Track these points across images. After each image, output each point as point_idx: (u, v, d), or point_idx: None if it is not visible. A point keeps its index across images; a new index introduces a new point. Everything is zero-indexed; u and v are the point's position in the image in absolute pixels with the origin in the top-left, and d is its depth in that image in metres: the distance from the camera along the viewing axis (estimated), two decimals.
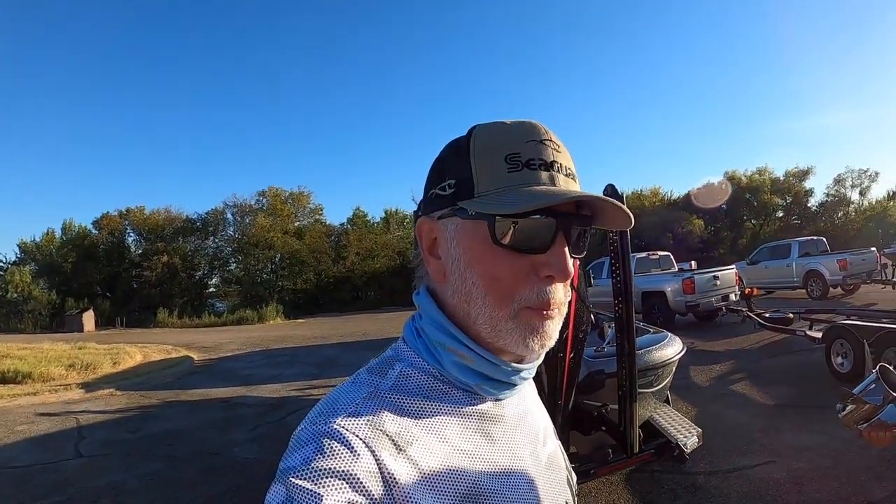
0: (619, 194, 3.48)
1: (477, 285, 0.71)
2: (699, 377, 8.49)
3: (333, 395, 0.71)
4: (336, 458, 0.60)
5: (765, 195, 39.42)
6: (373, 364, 0.77)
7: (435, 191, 0.74)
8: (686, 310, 13.67)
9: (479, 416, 0.76)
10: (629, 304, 3.50)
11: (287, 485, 0.59)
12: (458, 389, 0.75)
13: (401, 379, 0.74)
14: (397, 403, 0.70)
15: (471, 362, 0.73)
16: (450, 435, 0.71)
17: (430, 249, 0.76)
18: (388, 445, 0.64)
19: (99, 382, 12.25)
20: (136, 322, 35.57)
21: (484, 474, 0.71)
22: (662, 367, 4.45)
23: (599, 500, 4.47)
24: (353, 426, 0.64)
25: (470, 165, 0.71)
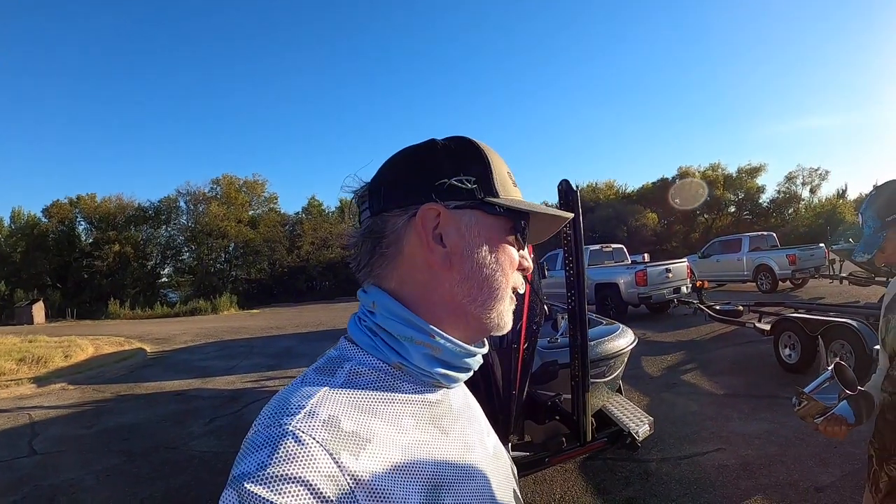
0: (574, 189, 3.54)
1: (498, 270, 0.78)
2: (651, 367, 8.67)
3: (285, 396, 0.69)
4: (292, 462, 0.58)
5: (717, 190, 40.30)
6: (319, 364, 0.77)
7: (450, 181, 0.76)
8: (638, 301, 13.92)
9: (430, 406, 0.77)
10: (581, 296, 3.55)
11: (240, 492, 0.57)
12: (408, 382, 0.76)
13: (352, 376, 0.73)
14: (352, 400, 0.69)
15: (439, 352, 0.75)
16: (407, 426, 0.71)
17: (432, 236, 0.76)
18: (348, 445, 0.63)
19: (51, 377, 11.98)
20: (88, 313, 34.83)
21: (443, 464, 0.72)
22: (614, 357, 4.53)
23: (554, 487, 4.55)
24: (309, 428, 0.62)
25: (490, 170, 0.79)
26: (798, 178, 41.64)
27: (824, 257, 16.62)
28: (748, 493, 4.10)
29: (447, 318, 0.78)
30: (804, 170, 41.69)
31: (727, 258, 18.53)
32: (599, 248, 17.14)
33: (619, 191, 45.47)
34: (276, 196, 44.83)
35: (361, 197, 0.82)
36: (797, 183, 41.72)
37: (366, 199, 0.81)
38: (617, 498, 4.26)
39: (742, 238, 18.63)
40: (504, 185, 0.80)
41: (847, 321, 6.64)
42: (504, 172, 0.82)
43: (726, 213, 42.45)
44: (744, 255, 17.83)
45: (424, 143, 0.81)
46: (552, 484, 4.62)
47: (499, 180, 0.79)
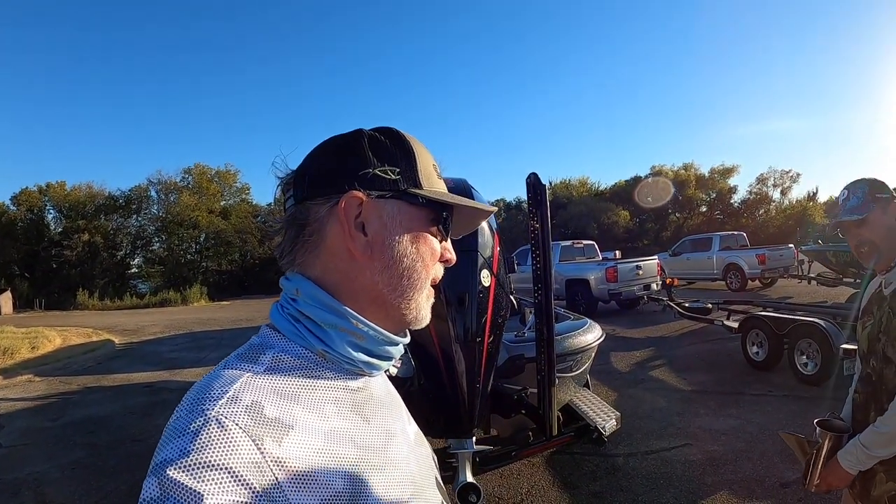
0: (542, 183, 3.54)
1: (418, 261, 0.79)
2: (620, 363, 8.74)
3: (207, 382, 0.68)
4: (215, 449, 0.58)
5: (689, 190, 40.75)
6: (241, 351, 0.76)
7: (374, 171, 0.76)
8: (608, 297, 14.05)
9: (351, 393, 0.77)
10: (548, 290, 3.52)
11: (162, 480, 0.56)
12: (329, 370, 0.76)
13: (275, 363, 0.73)
14: (274, 386, 0.69)
15: (362, 340, 0.77)
16: (328, 413, 0.71)
17: (354, 225, 0.76)
18: (270, 431, 0.62)
19: (17, 368, 11.83)
20: (56, 304, 34.29)
21: (365, 450, 0.73)
22: (581, 352, 4.53)
23: (522, 481, 4.57)
24: (232, 413, 0.61)
25: (415, 161, 0.80)
26: (770, 179, 42.34)
27: (793, 258, 16.87)
28: (714, 488, 4.14)
29: (368, 307, 0.78)
30: (776, 172, 42.41)
31: (697, 257, 18.72)
32: (570, 245, 17.24)
33: (592, 188, 45.77)
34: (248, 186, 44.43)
35: (287, 184, 0.82)
36: (768, 184, 42.43)
37: (290, 186, 0.81)
38: (583, 492, 4.29)
39: (712, 237, 18.84)
40: (428, 176, 0.81)
41: (814, 320, 6.74)
42: (429, 164, 0.83)
43: (698, 213, 42.97)
44: (714, 254, 18.01)
45: (351, 133, 0.81)
46: (519, 478, 4.64)
47: (423, 172, 0.80)
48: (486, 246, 3.48)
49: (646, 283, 14.26)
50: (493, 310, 3.39)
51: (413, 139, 0.83)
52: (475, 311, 3.26)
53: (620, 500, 4.09)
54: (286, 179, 0.82)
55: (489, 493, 4.42)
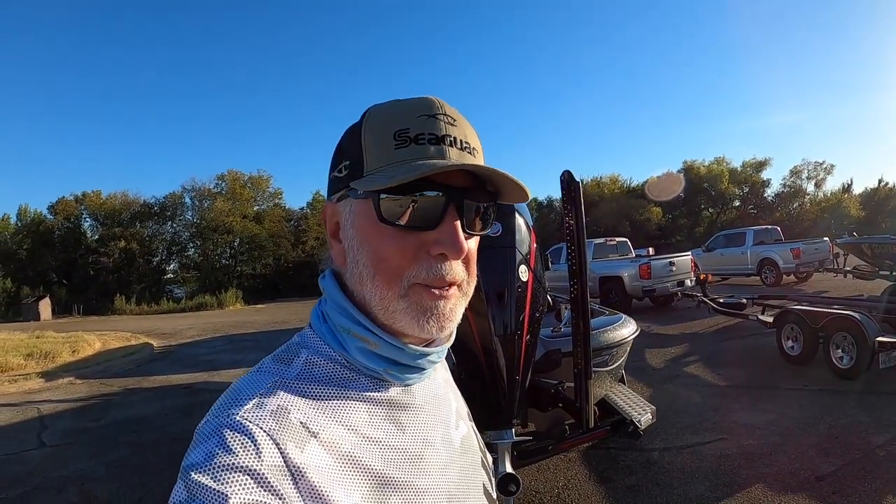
0: (576, 180, 3.57)
1: (367, 265, 0.70)
2: (654, 359, 8.71)
3: (237, 386, 0.68)
4: (240, 452, 0.58)
5: (722, 185, 40.17)
6: (278, 352, 0.75)
7: (333, 174, 0.74)
8: (642, 295, 13.94)
9: (387, 402, 0.74)
10: (584, 286, 3.55)
11: (188, 483, 0.56)
12: (364, 376, 0.74)
13: (306, 367, 0.71)
14: (303, 392, 0.68)
15: (376, 347, 0.72)
16: (357, 423, 0.69)
17: (332, 233, 0.76)
18: (294, 437, 0.62)
19: (59, 371, 12.03)
20: (94, 309, 34.92)
21: (393, 462, 0.70)
22: (617, 347, 4.56)
23: (558, 475, 4.62)
24: (258, 418, 0.61)
25: (361, 145, 0.70)
26: (803, 172, 41.50)
27: (828, 251, 16.53)
28: (749, 481, 4.15)
29: (369, 315, 0.73)
30: (809, 164, 41.56)
31: (731, 252, 18.43)
32: (604, 242, 17.09)
33: (623, 185, 45.25)
34: (280, 191, 44.66)
35: None
36: (802, 177, 41.59)
37: None
38: (619, 486, 4.33)
39: (746, 232, 18.54)
40: (378, 155, 0.68)
41: (849, 313, 6.66)
42: (385, 135, 0.68)
43: (731, 207, 42.31)
44: (748, 249, 17.75)
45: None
46: (556, 472, 4.69)
47: (369, 152, 0.69)
48: (524, 242, 3.51)
49: (679, 280, 14.11)
50: (532, 305, 3.42)
51: (380, 109, 0.72)
52: (514, 306, 3.29)
53: (656, 493, 4.12)
54: None
55: (526, 487, 4.47)
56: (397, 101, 0.72)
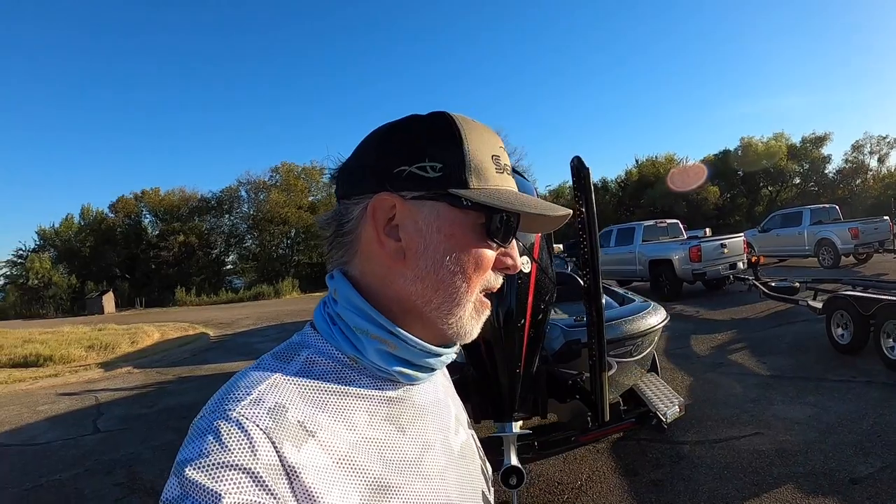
0: (586, 167, 3.46)
1: (457, 273, 0.71)
2: (699, 346, 8.53)
3: (235, 381, 0.67)
4: (235, 450, 0.57)
5: (781, 161, 38.83)
6: (278, 349, 0.74)
7: (410, 169, 0.69)
8: (693, 278, 13.57)
9: (387, 403, 0.74)
10: (596, 273, 3.45)
11: (182, 479, 0.56)
12: (366, 376, 0.73)
13: (307, 365, 0.70)
14: (302, 390, 0.67)
15: (395, 349, 0.72)
16: (357, 423, 0.68)
17: (386, 229, 0.71)
18: (291, 436, 0.61)
19: (117, 361, 12.60)
20: (156, 301, 36.23)
21: (392, 463, 0.69)
22: (642, 336, 4.43)
23: (584, 467, 4.58)
24: (254, 415, 0.61)
25: (463, 155, 0.70)
26: (865, 146, 39.79)
27: (889, 231, 15.76)
28: (780, 481, 4.00)
29: (404, 316, 0.73)
30: (871, 138, 39.83)
31: (787, 232, 17.67)
32: (653, 224, 16.77)
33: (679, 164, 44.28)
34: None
35: (333, 178, 0.78)
36: (864, 152, 39.89)
37: (335, 182, 0.78)
38: (644, 480, 4.26)
39: (803, 211, 17.70)
40: (481, 172, 0.71)
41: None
42: (485, 156, 0.72)
43: (791, 185, 40.85)
44: (804, 229, 16.96)
45: (398, 122, 0.75)
46: (581, 463, 4.66)
47: (474, 166, 0.70)
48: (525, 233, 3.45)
49: (731, 262, 13.65)
50: (535, 295, 3.38)
51: (469, 125, 0.73)
52: (514, 296, 3.26)
53: (680, 489, 4.03)
54: (333, 173, 0.79)
55: (550, 478, 4.47)
56: (476, 121, 0.75)
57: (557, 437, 4.05)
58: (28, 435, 7.23)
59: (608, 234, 17.20)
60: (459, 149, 0.70)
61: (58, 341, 14.50)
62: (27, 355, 12.78)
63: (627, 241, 16.23)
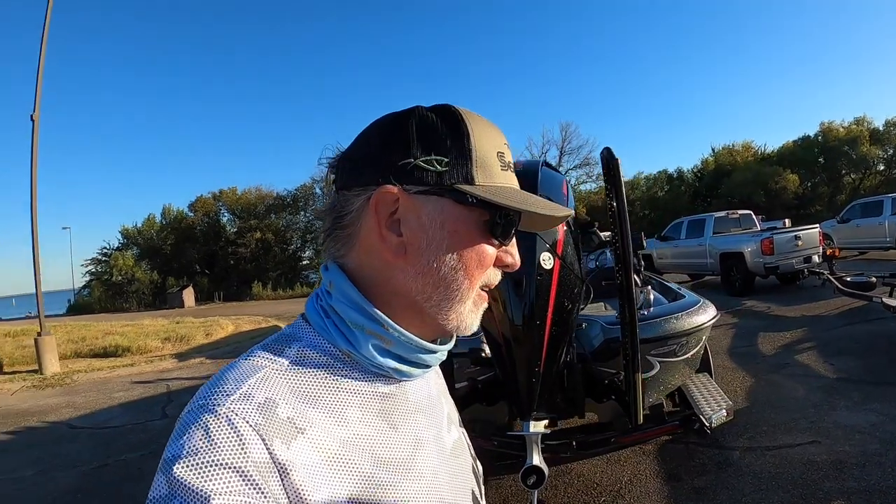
0: (616, 159, 3.37)
1: (459, 270, 0.71)
2: (766, 345, 8.22)
3: (223, 374, 0.66)
4: (224, 448, 0.56)
5: (863, 147, 36.81)
6: (268, 342, 0.73)
7: (415, 162, 0.68)
8: (765, 272, 12.94)
9: (380, 398, 0.73)
10: (628, 270, 3.34)
11: (170, 478, 0.55)
12: (359, 371, 0.72)
13: (298, 358, 0.69)
14: (293, 385, 0.66)
15: (390, 345, 0.72)
16: (349, 418, 0.68)
17: (388, 223, 0.70)
18: (281, 433, 0.60)
19: (191, 352, 13.34)
20: (234, 296, 37.70)
21: (384, 461, 0.69)
22: (687, 335, 4.20)
23: (626, 469, 4.51)
24: (244, 411, 0.59)
25: (469, 150, 0.70)
26: None
27: None
28: (829, 496, 3.76)
29: (402, 312, 0.72)
30: None
31: (867, 223, 16.58)
32: (725, 215, 16.04)
33: (757, 152, 42.59)
34: None
35: (331, 167, 0.76)
36: None
37: (334, 171, 0.75)
38: (685, 486, 4.14)
39: (884, 200, 16.57)
40: (486, 168, 0.71)
41: None
42: (491, 152, 0.72)
43: (874, 172, 38.57)
44: (885, 219, 15.84)
45: (402, 113, 0.73)
46: (624, 465, 4.59)
47: (479, 162, 0.70)
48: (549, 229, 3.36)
49: (806, 255, 12.97)
50: (558, 292, 3.30)
51: (475, 120, 0.72)
52: (533, 294, 3.21)
53: (722, 499, 3.89)
54: (332, 162, 0.76)
55: (589, 480, 4.42)
56: (480, 116, 0.74)
57: (596, 437, 3.97)
58: (101, 419, 7.83)
59: (678, 227, 16.73)
60: (466, 144, 0.70)
61: (137, 333, 15.40)
62: (107, 346, 13.67)
63: (698, 234, 15.65)
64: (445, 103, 0.73)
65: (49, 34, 12.17)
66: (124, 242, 43.40)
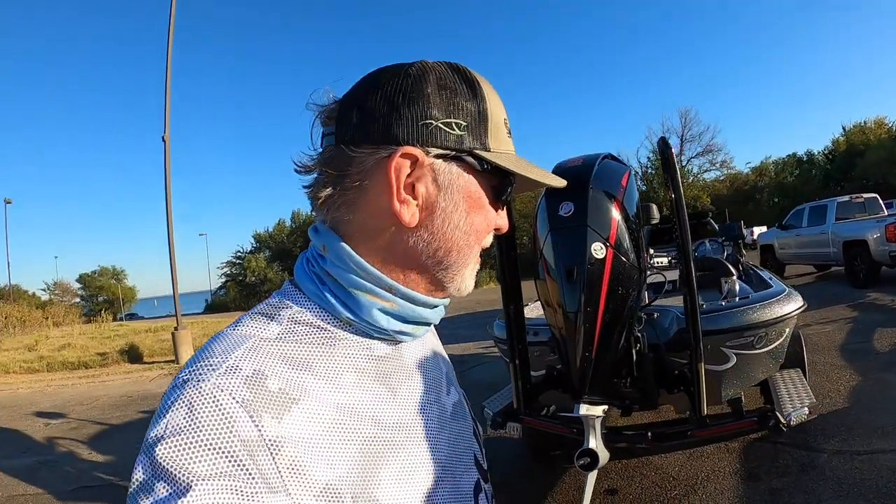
0: (669, 146, 3.41)
1: (470, 234, 0.71)
2: (882, 341, 7.69)
3: (210, 346, 0.63)
4: (209, 427, 0.54)
5: None
6: (257, 309, 0.71)
7: (436, 124, 0.66)
8: (891, 261, 11.84)
9: (376, 361, 0.71)
10: (688, 258, 3.35)
11: (153, 459, 0.53)
12: (353, 334, 0.70)
13: (290, 325, 0.67)
14: (284, 353, 0.63)
15: (395, 307, 0.70)
16: (345, 383, 0.66)
17: (405, 187, 0.67)
18: (271, 407, 0.57)
19: None
20: None
21: (384, 426, 0.67)
22: (766, 326, 4.01)
23: (706, 464, 4.46)
24: (230, 386, 0.57)
25: (487, 115, 0.70)
26: None
27: None
28: None
29: (406, 274, 0.71)
30: None
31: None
32: (848, 200, 14.71)
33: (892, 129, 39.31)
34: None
35: (328, 116, 0.70)
36: None
37: (332, 121, 0.70)
38: (762, 487, 4.04)
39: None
40: (498, 135, 0.71)
41: None
42: (501, 118, 0.72)
43: None
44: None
45: (415, 67, 0.68)
46: (705, 461, 4.54)
47: (493, 129, 0.70)
48: (601, 218, 3.34)
49: None
50: (610, 281, 3.29)
51: (486, 84, 0.71)
52: (584, 282, 3.23)
53: (797, 502, 3.78)
54: (328, 110, 0.70)
55: (666, 472, 4.44)
56: (484, 78, 0.73)
57: (671, 430, 3.89)
58: None
59: (799, 214, 15.65)
60: (483, 108, 0.69)
61: None
62: None
63: (820, 221, 14.51)
64: (454, 63, 0.71)
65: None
66: (256, 246, 46.81)
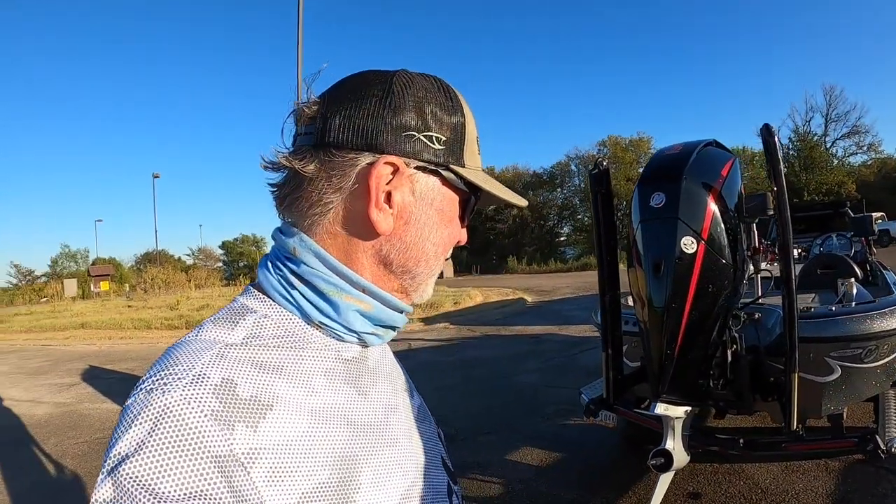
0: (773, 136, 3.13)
1: (439, 246, 0.72)
2: None
3: (173, 353, 0.59)
4: (177, 442, 0.50)
5: None
6: (219, 315, 0.67)
7: (419, 136, 0.66)
8: None
9: (344, 364, 0.70)
10: (788, 258, 3.07)
11: (116, 479, 0.49)
12: (320, 337, 0.68)
13: (255, 329, 0.64)
14: (252, 359, 0.60)
15: (370, 309, 0.70)
16: (317, 386, 0.63)
17: (383, 195, 0.66)
18: (244, 415, 0.55)
19: (438, 318, 14.75)
20: (491, 269, 40.13)
21: (359, 429, 0.66)
22: (876, 338, 3.61)
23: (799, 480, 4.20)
24: (197, 397, 0.53)
25: (464, 132, 0.70)
26: None
27: None
28: None
29: (374, 281, 0.71)
30: None
31: None
32: None
33: None
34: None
35: (309, 117, 0.67)
36: None
37: (311, 121, 0.67)
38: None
39: None
40: (472, 151, 0.72)
41: None
42: (475, 135, 0.73)
43: None
44: None
45: (398, 76, 0.68)
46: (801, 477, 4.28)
47: (468, 145, 0.71)
48: (694, 212, 3.15)
49: None
50: (700, 278, 3.13)
51: (463, 99, 0.72)
52: (671, 277, 3.11)
53: None
54: (307, 109, 0.67)
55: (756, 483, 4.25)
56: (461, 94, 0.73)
57: (765, 440, 3.78)
58: None
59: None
60: (461, 125, 0.70)
61: None
62: None
63: None
64: (436, 77, 0.72)
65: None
66: None
